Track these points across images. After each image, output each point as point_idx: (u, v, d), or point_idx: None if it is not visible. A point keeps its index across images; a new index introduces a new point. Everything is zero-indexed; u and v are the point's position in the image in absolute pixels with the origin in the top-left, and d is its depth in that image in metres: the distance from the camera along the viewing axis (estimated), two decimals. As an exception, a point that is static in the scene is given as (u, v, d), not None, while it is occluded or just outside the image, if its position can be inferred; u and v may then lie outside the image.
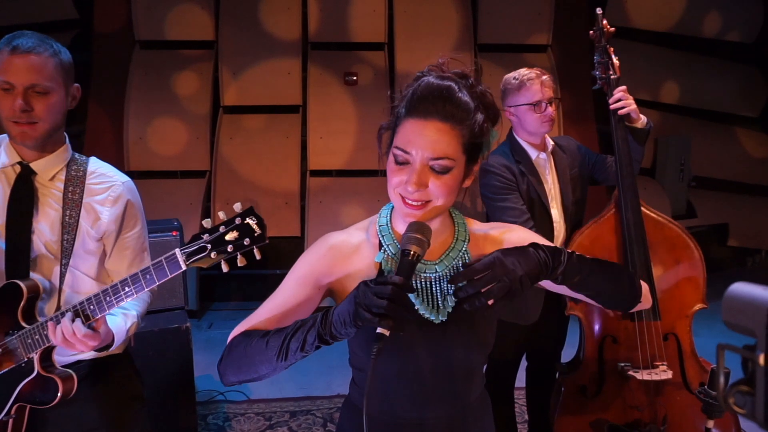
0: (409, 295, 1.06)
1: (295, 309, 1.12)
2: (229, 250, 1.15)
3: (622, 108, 2.07)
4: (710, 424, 1.69)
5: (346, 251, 1.13)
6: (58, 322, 1.31)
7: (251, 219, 1.14)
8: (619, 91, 2.08)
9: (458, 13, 5.41)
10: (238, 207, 1.16)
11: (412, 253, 0.97)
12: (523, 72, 2.18)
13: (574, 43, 5.59)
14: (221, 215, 1.17)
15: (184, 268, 1.20)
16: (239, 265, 1.17)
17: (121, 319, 1.47)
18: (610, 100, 2.10)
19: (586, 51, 5.62)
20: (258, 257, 1.16)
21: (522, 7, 5.40)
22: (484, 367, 1.21)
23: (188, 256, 1.19)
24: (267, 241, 1.15)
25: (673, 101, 5.83)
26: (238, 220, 1.15)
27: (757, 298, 0.37)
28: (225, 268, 1.18)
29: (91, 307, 1.31)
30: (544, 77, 2.16)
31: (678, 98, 5.84)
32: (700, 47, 6.01)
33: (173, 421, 2.72)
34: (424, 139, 0.99)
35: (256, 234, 1.14)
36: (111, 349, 1.44)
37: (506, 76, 2.22)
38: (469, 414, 1.15)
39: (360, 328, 0.96)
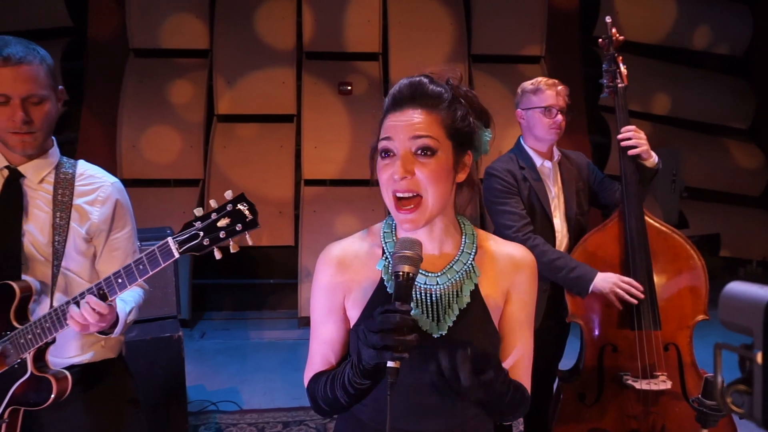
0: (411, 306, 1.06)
1: (338, 339, 1.13)
2: (221, 236, 1.16)
3: (633, 147, 2.06)
4: (704, 432, 1.69)
5: (348, 260, 1.12)
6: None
7: (242, 205, 1.15)
8: (629, 130, 2.08)
9: (452, 24, 5.46)
10: (229, 194, 1.16)
11: (402, 274, 0.95)
12: (541, 78, 2.23)
13: (567, 54, 5.65)
14: (212, 203, 1.17)
15: (177, 256, 1.20)
16: (231, 251, 1.18)
17: (120, 304, 1.46)
18: (618, 137, 2.11)
19: (579, 63, 5.68)
20: (250, 242, 1.17)
21: (515, 18, 5.46)
22: None
23: (181, 243, 1.19)
24: (259, 226, 1.15)
25: (665, 113, 5.88)
26: (229, 207, 1.16)
27: (753, 296, 0.37)
28: (218, 255, 1.18)
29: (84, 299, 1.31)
30: (560, 87, 2.19)
31: (669, 110, 5.89)
32: (690, 60, 6.09)
33: (164, 431, 2.69)
34: (402, 124, 1.02)
35: (247, 219, 1.15)
36: (114, 334, 1.43)
37: (524, 82, 2.27)
38: (469, 429, 1.12)
39: (372, 373, 0.98)
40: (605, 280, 2.03)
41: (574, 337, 2.33)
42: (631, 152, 2.07)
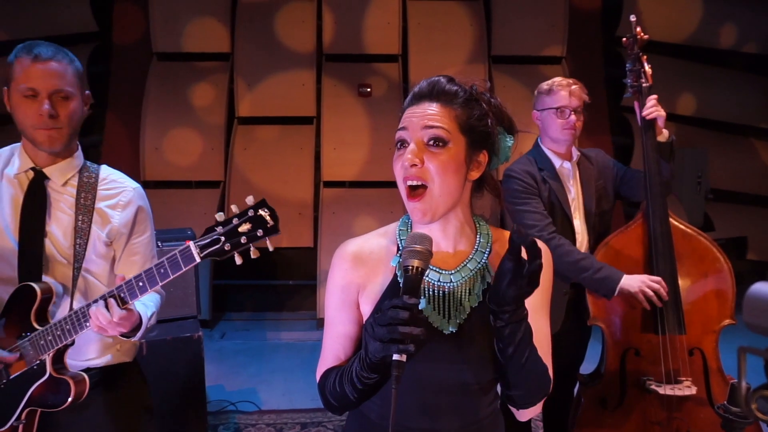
0: (420, 301, 1.05)
1: (351, 336, 1.14)
2: (242, 241, 1.17)
3: (652, 112, 2.08)
4: (730, 440, 1.65)
5: (364, 257, 1.14)
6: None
7: (264, 211, 1.16)
8: (651, 99, 2.09)
9: (472, 25, 5.43)
10: (250, 200, 1.17)
11: (411, 268, 0.95)
12: (557, 79, 2.23)
13: (589, 55, 5.57)
14: (234, 208, 1.18)
15: (198, 260, 1.21)
16: (252, 257, 1.18)
17: (142, 308, 1.48)
18: (644, 109, 2.10)
19: (600, 63, 5.60)
20: (271, 248, 1.18)
21: (536, 19, 5.41)
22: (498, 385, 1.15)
23: (202, 248, 1.20)
24: (280, 232, 1.16)
25: (690, 113, 5.77)
26: (251, 212, 1.16)
27: (781, 300, 0.35)
28: (238, 260, 1.19)
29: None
30: (574, 86, 2.18)
31: (694, 110, 5.77)
32: (716, 59, 5.96)
33: (184, 430, 2.71)
34: (416, 115, 1.06)
35: (269, 225, 1.16)
36: (135, 337, 1.45)
37: (542, 83, 2.26)
38: (483, 429, 1.12)
39: (379, 367, 0.96)
40: (633, 279, 2.00)
41: (596, 341, 2.30)
42: (650, 116, 2.08)
